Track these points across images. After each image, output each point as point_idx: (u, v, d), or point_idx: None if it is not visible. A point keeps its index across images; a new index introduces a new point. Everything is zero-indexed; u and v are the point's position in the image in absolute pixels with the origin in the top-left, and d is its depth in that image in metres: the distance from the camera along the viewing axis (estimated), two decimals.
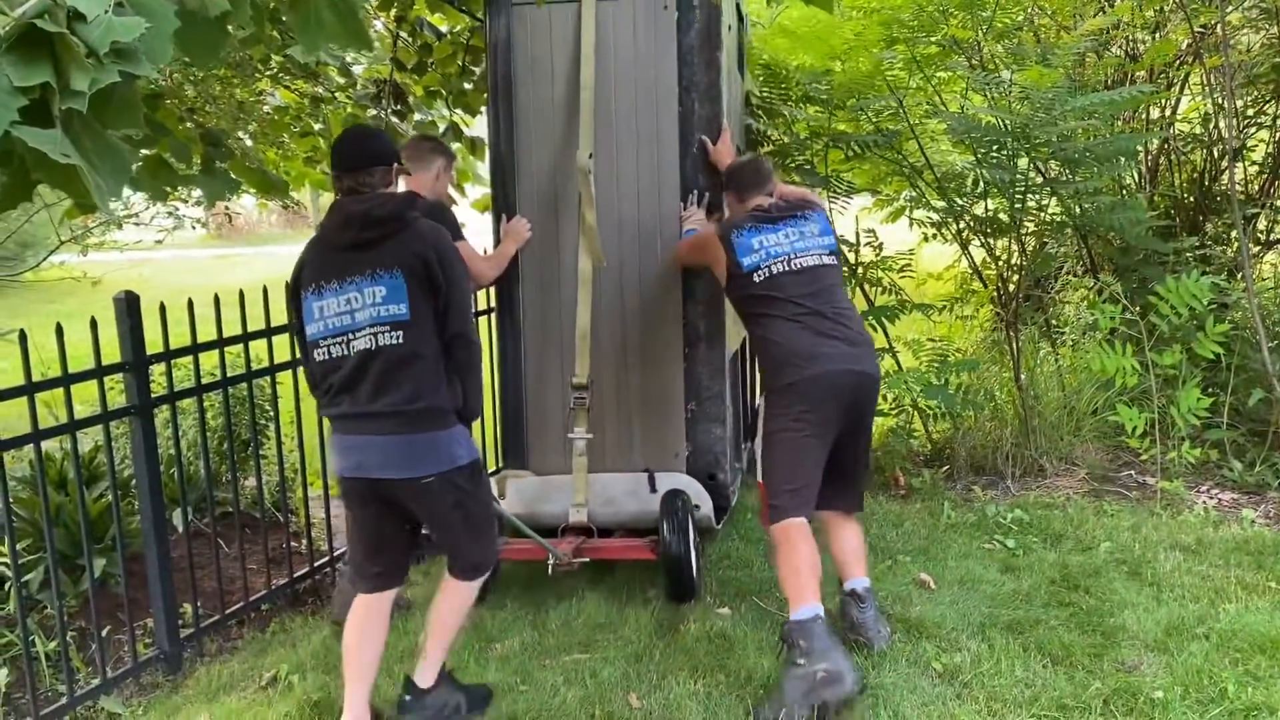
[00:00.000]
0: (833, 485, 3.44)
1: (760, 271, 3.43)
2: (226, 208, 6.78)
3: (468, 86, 5.41)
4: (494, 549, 3.18)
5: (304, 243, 3.03)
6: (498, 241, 4.23)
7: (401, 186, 3.18)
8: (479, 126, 5.68)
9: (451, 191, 5.82)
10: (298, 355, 4.01)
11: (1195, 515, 4.44)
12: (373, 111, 5.44)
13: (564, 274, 4.17)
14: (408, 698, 3.02)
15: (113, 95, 1.29)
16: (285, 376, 4.13)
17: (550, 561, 3.71)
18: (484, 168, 6.15)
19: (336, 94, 5.85)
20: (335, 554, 4.36)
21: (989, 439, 5.19)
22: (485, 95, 5.07)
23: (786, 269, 3.42)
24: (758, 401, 3.58)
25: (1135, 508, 4.62)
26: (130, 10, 1.31)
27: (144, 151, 3.41)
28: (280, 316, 3.92)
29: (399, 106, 5.34)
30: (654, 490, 3.98)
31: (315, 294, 2.88)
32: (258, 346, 3.92)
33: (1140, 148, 5.75)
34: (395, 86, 5.28)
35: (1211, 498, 4.73)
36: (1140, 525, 4.36)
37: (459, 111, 5.59)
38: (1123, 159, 4.84)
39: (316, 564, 4.25)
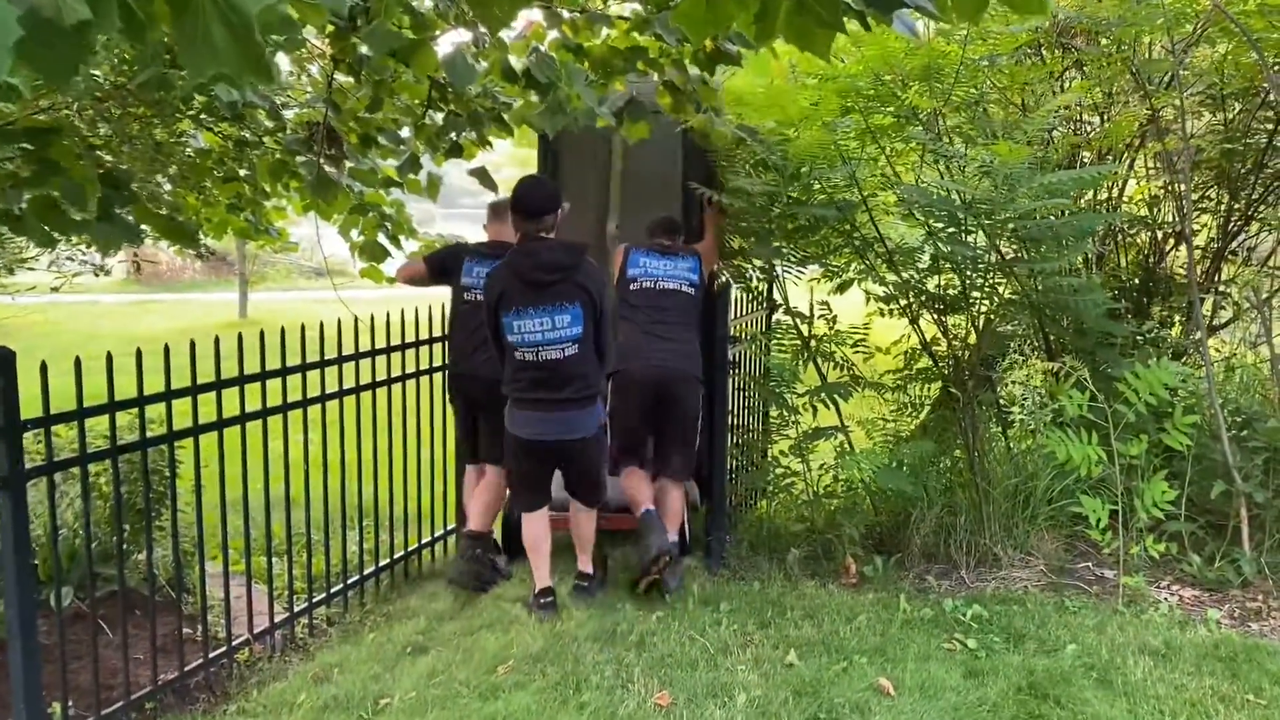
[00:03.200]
0: (661, 458, 4.79)
1: (636, 283, 4.75)
2: (135, 254, 6.27)
3: (429, 121, 5.03)
4: (607, 484, 4.62)
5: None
6: None
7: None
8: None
9: (387, 245, 5.51)
10: (200, 422, 3.66)
11: (1160, 615, 4.23)
12: (302, 157, 5.07)
13: None
14: (584, 583, 4.57)
15: None
16: (186, 443, 3.73)
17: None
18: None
19: (264, 138, 5.48)
20: (234, 642, 3.91)
21: (942, 525, 4.95)
22: (449, 131, 4.78)
23: (653, 288, 4.73)
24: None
25: (1097, 604, 4.40)
26: None
27: (34, 191, 3.02)
28: (182, 379, 3.53)
29: (333, 151, 4.97)
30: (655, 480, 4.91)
31: (515, 315, 4.21)
32: (157, 410, 3.52)
33: (1098, 228, 5.66)
34: (330, 131, 4.92)
35: (1173, 594, 4.53)
36: (1105, 625, 4.12)
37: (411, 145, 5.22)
38: (1086, 239, 4.70)
39: (213, 654, 3.79)
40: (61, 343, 14.99)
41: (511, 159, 22.61)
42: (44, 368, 3.09)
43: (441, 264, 4.93)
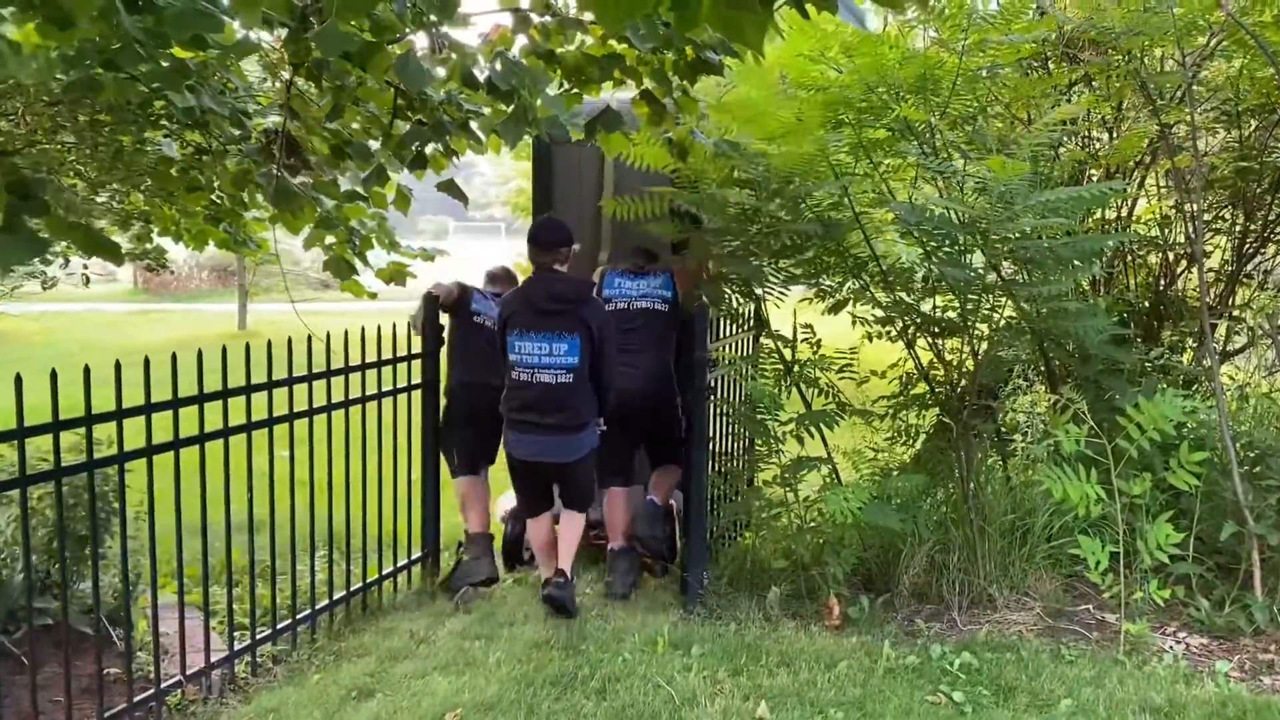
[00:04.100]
0: (656, 470, 5.07)
1: (611, 304, 4.88)
2: (86, 265, 6.02)
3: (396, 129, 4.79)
4: (594, 493, 4.85)
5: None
6: None
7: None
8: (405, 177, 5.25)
9: (354, 261, 5.28)
10: (125, 449, 3.42)
11: (1164, 666, 3.92)
12: (263, 167, 4.83)
13: None
14: (561, 580, 4.55)
15: None
16: (113, 470, 3.48)
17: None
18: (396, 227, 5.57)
19: (229, 147, 5.25)
20: (164, 684, 3.65)
21: (934, 563, 4.65)
22: (412, 141, 4.57)
23: (626, 309, 4.92)
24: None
25: (1096, 652, 4.09)
26: None
27: None
28: (105, 403, 3.28)
29: (292, 160, 4.72)
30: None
31: (519, 335, 4.50)
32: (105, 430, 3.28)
33: (1105, 249, 5.37)
34: (289, 139, 4.68)
35: (1179, 642, 4.22)
36: (1104, 677, 3.82)
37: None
38: (1091, 261, 4.41)
39: (139, 697, 3.53)
40: (58, 351, 14.86)
41: (517, 172, 22.44)
42: None
43: (461, 295, 5.18)
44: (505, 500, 5.52)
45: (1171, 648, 4.14)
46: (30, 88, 4.63)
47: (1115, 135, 5.79)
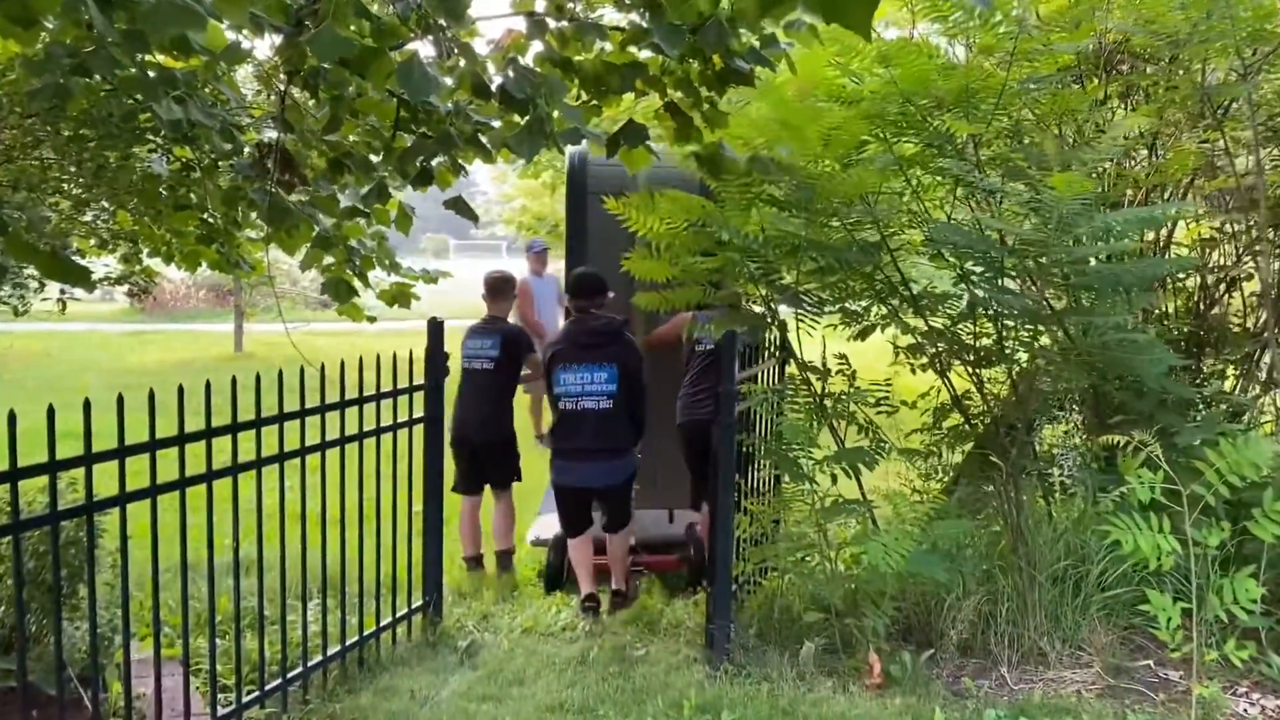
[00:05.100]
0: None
1: (701, 345, 5.31)
2: (63, 291, 5.67)
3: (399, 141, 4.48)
4: (631, 514, 5.28)
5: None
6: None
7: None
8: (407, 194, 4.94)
9: (355, 283, 4.96)
10: (96, 498, 3.06)
11: None
12: (256, 184, 4.49)
13: None
14: (617, 599, 5.07)
15: None
16: (75, 523, 3.12)
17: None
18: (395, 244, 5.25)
19: (220, 162, 4.93)
20: None
21: (980, 614, 4.28)
22: (416, 156, 4.26)
23: (706, 347, 5.25)
24: None
25: (1165, 717, 3.72)
26: None
27: None
28: (74, 446, 2.93)
29: (286, 176, 4.38)
30: (671, 521, 5.92)
31: (563, 369, 4.95)
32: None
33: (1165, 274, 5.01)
34: (284, 153, 4.34)
35: (1253, 704, 3.85)
36: None
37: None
38: (1151, 287, 4.07)
39: None
40: (53, 374, 14.50)
41: (521, 190, 22.14)
42: None
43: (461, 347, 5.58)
44: (536, 528, 5.89)
45: (1246, 711, 3.78)
46: (3, 99, 4.31)
47: (1155, 152, 5.47)
